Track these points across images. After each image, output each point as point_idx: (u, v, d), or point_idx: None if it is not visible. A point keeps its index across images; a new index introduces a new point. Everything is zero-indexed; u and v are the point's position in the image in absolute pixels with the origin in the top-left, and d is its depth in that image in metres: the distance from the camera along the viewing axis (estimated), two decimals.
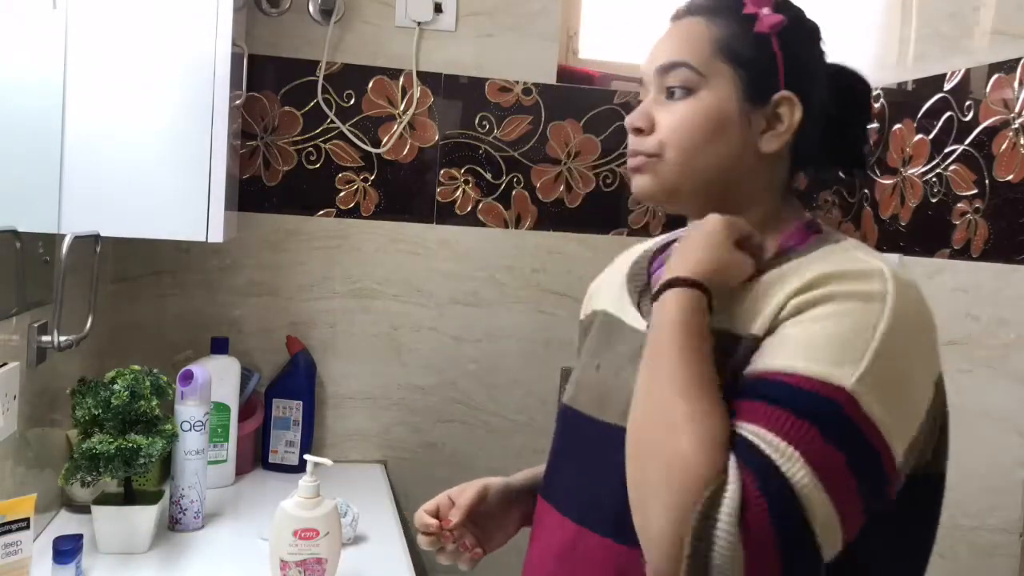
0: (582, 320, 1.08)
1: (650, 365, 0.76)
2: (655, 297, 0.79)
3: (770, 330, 0.77)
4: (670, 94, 0.86)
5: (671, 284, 0.78)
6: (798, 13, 0.89)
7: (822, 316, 0.74)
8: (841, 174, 0.97)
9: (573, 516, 0.89)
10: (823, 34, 0.91)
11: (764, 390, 0.72)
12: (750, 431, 0.70)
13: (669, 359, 0.75)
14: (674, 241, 0.99)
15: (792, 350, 0.74)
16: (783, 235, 0.87)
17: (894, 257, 1.53)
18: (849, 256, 0.81)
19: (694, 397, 0.72)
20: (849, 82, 0.93)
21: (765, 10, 0.86)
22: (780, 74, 0.85)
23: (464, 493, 1.03)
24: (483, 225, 1.92)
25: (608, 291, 1.02)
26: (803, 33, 0.89)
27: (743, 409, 0.72)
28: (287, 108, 1.82)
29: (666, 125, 0.85)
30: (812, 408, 0.70)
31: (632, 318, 0.93)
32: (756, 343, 0.77)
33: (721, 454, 0.69)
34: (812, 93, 0.86)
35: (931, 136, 1.47)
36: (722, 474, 0.68)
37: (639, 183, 0.88)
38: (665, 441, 0.71)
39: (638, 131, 0.87)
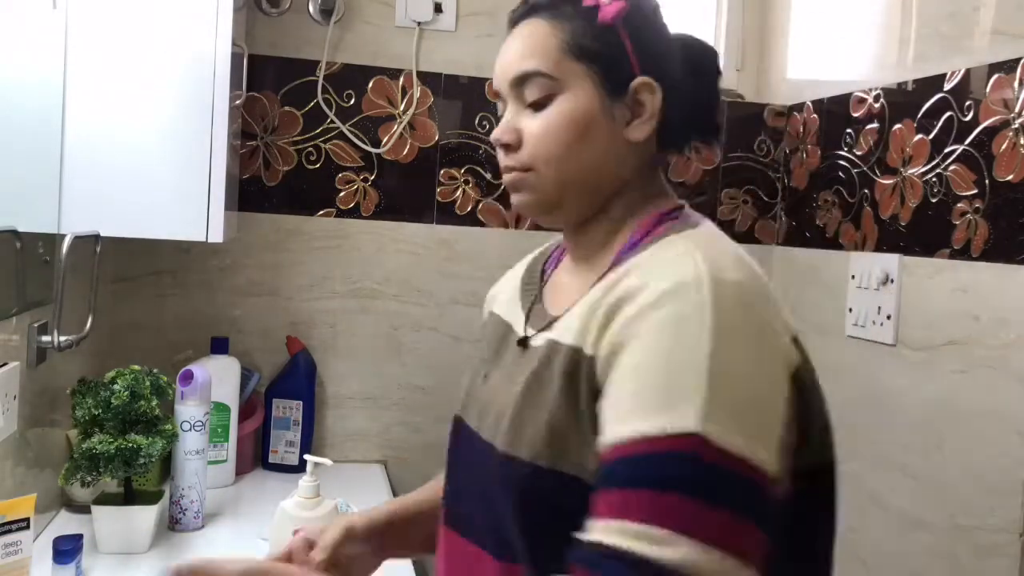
0: (483, 321, 1.03)
1: None
2: None
3: (598, 352, 0.73)
4: (530, 104, 0.83)
5: None
6: None
7: (641, 352, 0.70)
8: (699, 144, 0.90)
9: (463, 532, 0.85)
10: (661, 9, 0.87)
11: (613, 473, 0.67)
12: (613, 531, 0.64)
13: None
14: (560, 246, 0.97)
15: (625, 407, 0.68)
16: (639, 227, 0.84)
17: (894, 257, 1.53)
18: (665, 261, 0.76)
19: None
20: (696, 52, 0.88)
21: (604, 1, 0.83)
22: (632, 62, 0.82)
23: (326, 533, 0.94)
24: (483, 225, 1.92)
25: (503, 295, 0.99)
26: (645, 14, 0.85)
27: (603, 504, 0.66)
28: (287, 108, 1.82)
29: (532, 136, 0.82)
30: (665, 471, 0.65)
31: (518, 325, 0.90)
32: (591, 364, 0.73)
33: None
34: (666, 72, 0.83)
35: (931, 136, 1.47)
36: None
37: (518, 200, 0.85)
38: None
39: (506, 146, 0.84)
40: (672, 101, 0.83)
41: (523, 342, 0.85)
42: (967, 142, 1.39)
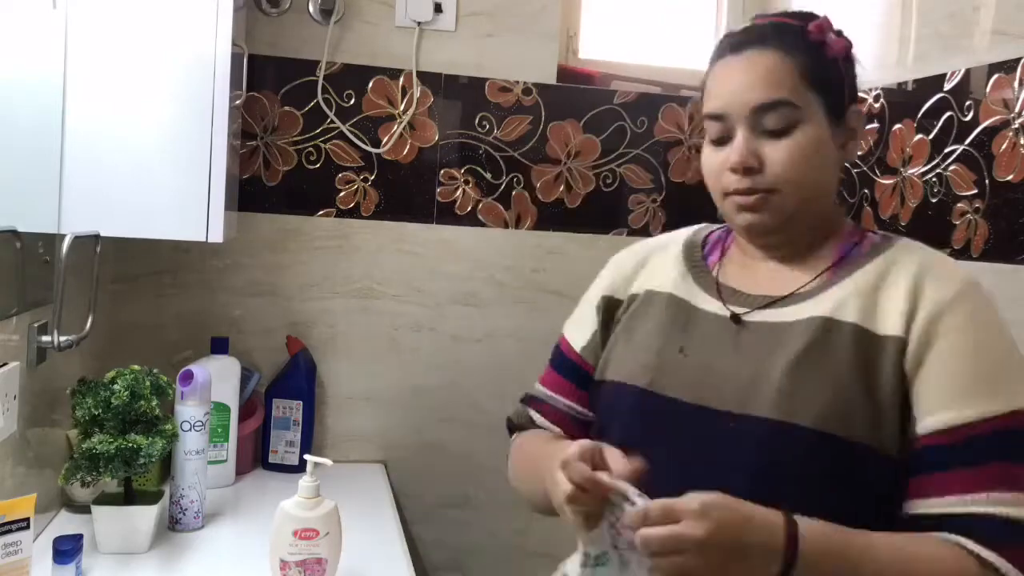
0: (611, 298, 1.08)
1: None
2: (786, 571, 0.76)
3: (908, 334, 0.83)
4: (772, 131, 0.90)
5: (790, 560, 0.75)
6: (842, 31, 0.97)
7: (962, 349, 0.81)
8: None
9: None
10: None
11: (959, 454, 0.78)
12: (982, 504, 0.76)
13: (866, 572, 0.77)
14: (712, 233, 1.06)
15: (955, 394, 0.80)
16: (845, 235, 0.96)
17: None
18: (932, 256, 0.90)
19: (913, 571, 0.76)
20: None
21: (831, 36, 0.93)
22: (848, 91, 0.93)
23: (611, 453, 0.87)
24: (483, 225, 1.92)
25: (660, 276, 1.04)
26: (850, 48, 0.96)
27: (955, 482, 0.77)
28: (287, 108, 1.82)
29: (779, 162, 0.89)
30: (1014, 445, 0.77)
31: (704, 303, 0.97)
32: (901, 344, 0.83)
33: (969, 567, 0.74)
34: (856, 97, 0.95)
35: (931, 136, 1.47)
36: (987, 570, 0.74)
37: (755, 219, 0.93)
38: None
39: (748, 169, 0.90)
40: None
41: (735, 319, 0.93)
42: (967, 142, 1.39)
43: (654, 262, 1.07)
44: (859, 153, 1.68)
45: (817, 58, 0.91)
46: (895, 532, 0.80)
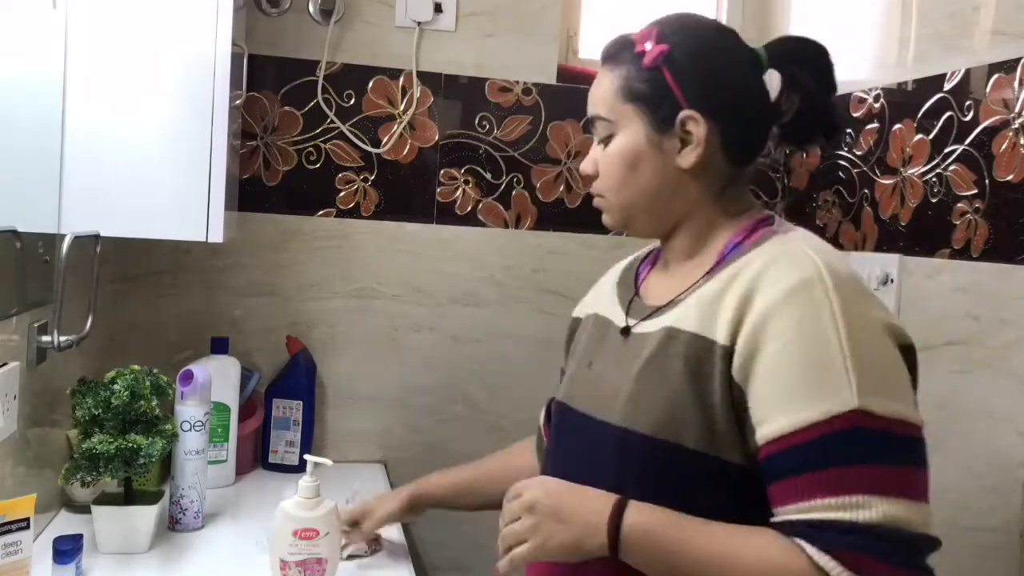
0: (575, 318, 1.18)
1: (682, 569, 0.81)
2: (613, 551, 0.83)
3: (735, 343, 0.83)
4: (601, 140, 0.99)
5: (614, 535, 0.82)
6: (685, 33, 0.94)
7: (785, 348, 0.80)
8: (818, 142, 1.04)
9: None
10: (722, 36, 0.96)
11: (791, 462, 0.78)
12: (816, 508, 0.76)
13: (691, 554, 0.80)
14: (653, 251, 1.11)
15: (784, 401, 0.79)
16: (739, 230, 0.95)
17: (894, 257, 1.53)
18: (782, 257, 0.86)
19: (738, 557, 0.78)
20: (809, 53, 0.97)
21: (648, 44, 0.94)
22: (679, 97, 0.92)
23: (381, 508, 1.29)
24: (483, 225, 1.92)
25: (600, 297, 1.11)
26: (693, 50, 0.93)
27: (791, 490, 0.78)
28: (287, 108, 1.82)
29: (600, 170, 0.99)
30: (845, 449, 0.76)
31: (617, 317, 1.02)
32: (728, 352, 0.83)
33: (800, 564, 0.75)
34: (719, 98, 0.93)
35: (931, 136, 1.47)
36: (819, 573, 0.74)
37: (604, 220, 1.02)
38: None
39: (586, 176, 1.01)
40: (732, 121, 0.93)
41: (625, 331, 0.97)
42: (967, 142, 1.39)
43: (604, 284, 1.15)
44: (859, 153, 1.68)
45: (636, 69, 0.94)
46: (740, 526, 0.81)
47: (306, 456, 1.19)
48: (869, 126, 1.65)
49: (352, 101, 1.85)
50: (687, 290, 0.93)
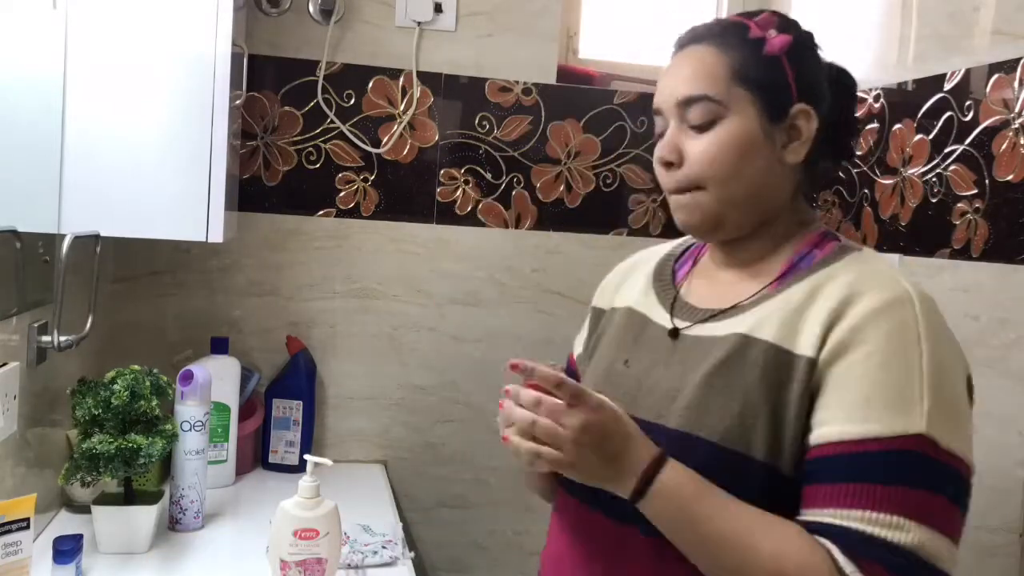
0: (597, 308, 1.11)
1: (699, 544, 0.80)
2: (636, 499, 0.81)
3: (820, 356, 0.81)
4: (695, 125, 0.89)
5: (641, 489, 0.80)
6: (798, 28, 0.94)
7: (868, 361, 0.78)
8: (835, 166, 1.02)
9: (614, 515, 0.89)
10: (817, 40, 0.96)
11: (843, 468, 0.77)
12: (854, 519, 0.75)
13: (712, 530, 0.78)
14: (691, 247, 1.05)
15: (854, 410, 0.78)
16: (805, 242, 0.92)
17: (894, 257, 1.53)
18: (871, 274, 0.85)
19: (764, 543, 0.76)
20: (839, 78, 0.97)
21: (771, 32, 0.91)
22: (792, 90, 0.90)
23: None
24: (483, 225, 1.92)
25: (632, 289, 1.05)
26: (806, 46, 0.93)
27: (833, 495, 0.76)
28: (287, 108, 1.82)
29: (696, 157, 0.89)
30: (900, 470, 0.75)
31: (658, 316, 0.97)
32: (811, 365, 0.81)
33: (821, 561, 0.74)
34: (820, 100, 0.92)
35: (931, 136, 1.47)
36: (836, 573, 0.73)
37: (684, 218, 0.92)
38: None
39: (668, 164, 0.91)
40: (823, 126, 0.91)
41: (674, 332, 0.93)
42: (967, 142, 1.39)
43: (633, 276, 1.08)
44: (859, 153, 1.68)
45: (753, 55, 0.90)
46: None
47: (306, 456, 1.19)
48: (869, 126, 1.65)
49: (352, 101, 1.85)
50: (752, 298, 0.90)
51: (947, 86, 1.45)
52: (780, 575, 0.75)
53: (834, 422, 0.79)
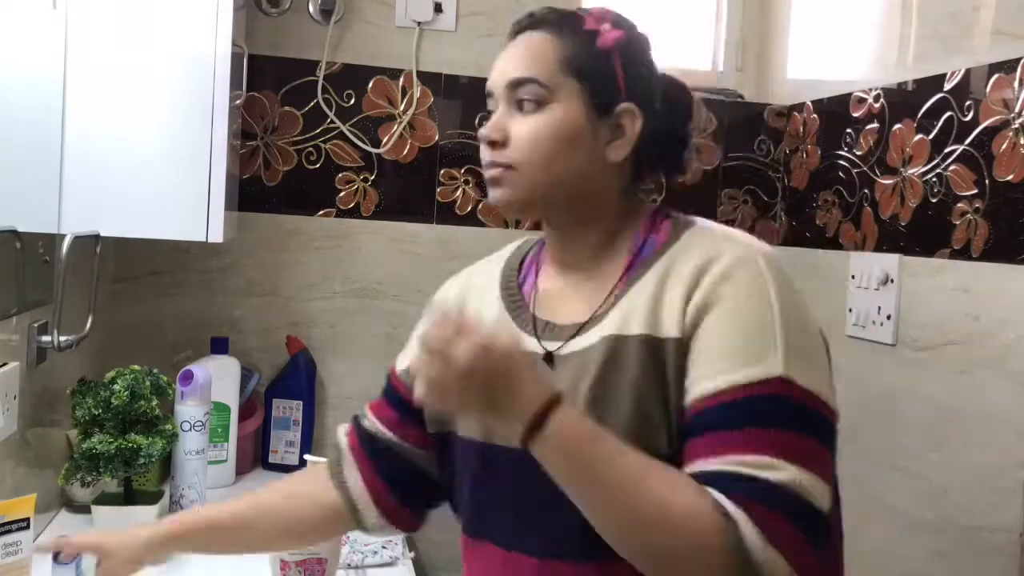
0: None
1: (586, 491, 0.78)
2: (525, 442, 0.77)
3: (684, 332, 0.82)
4: (520, 107, 0.90)
5: (533, 432, 0.76)
6: (632, 27, 0.93)
7: (723, 320, 0.81)
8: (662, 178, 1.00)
9: (532, 551, 0.87)
10: (651, 44, 0.95)
11: (716, 417, 0.78)
12: (728, 463, 0.76)
13: (599, 474, 0.77)
14: (528, 255, 1.02)
15: (715, 365, 0.79)
16: (640, 229, 0.92)
17: (894, 257, 1.53)
18: (714, 240, 0.87)
19: (650, 485, 0.77)
20: (675, 91, 0.96)
21: (606, 26, 0.90)
22: (621, 87, 0.89)
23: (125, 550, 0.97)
24: (483, 225, 1.92)
25: (488, 312, 0.99)
26: (638, 46, 0.93)
27: (709, 444, 0.78)
28: (287, 108, 1.82)
29: (519, 138, 0.89)
30: (762, 411, 0.77)
31: (525, 343, 0.91)
32: (680, 344, 0.82)
33: (710, 510, 0.74)
34: (649, 103, 0.91)
35: (931, 136, 1.47)
36: (724, 518, 0.73)
37: (496, 195, 0.91)
38: (659, 537, 0.76)
39: (492, 143, 0.90)
40: (650, 130, 0.90)
41: (549, 358, 0.90)
42: (967, 142, 1.39)
43: (474, 299, 1.03)
44: (859, 153, 1.68)
45: (585, 46, 0.89)
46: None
47: (306, 456, 1.20)
48: (869, 126, 1.65)
49: (352, 101, 1.85)
50: (609, 296, 0.89)
51: (947, 86, 1.45)
52: (667, 518, 0.75)
53: (700, 380, 0.80)
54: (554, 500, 0.82)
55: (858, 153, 1.69)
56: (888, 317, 1.54)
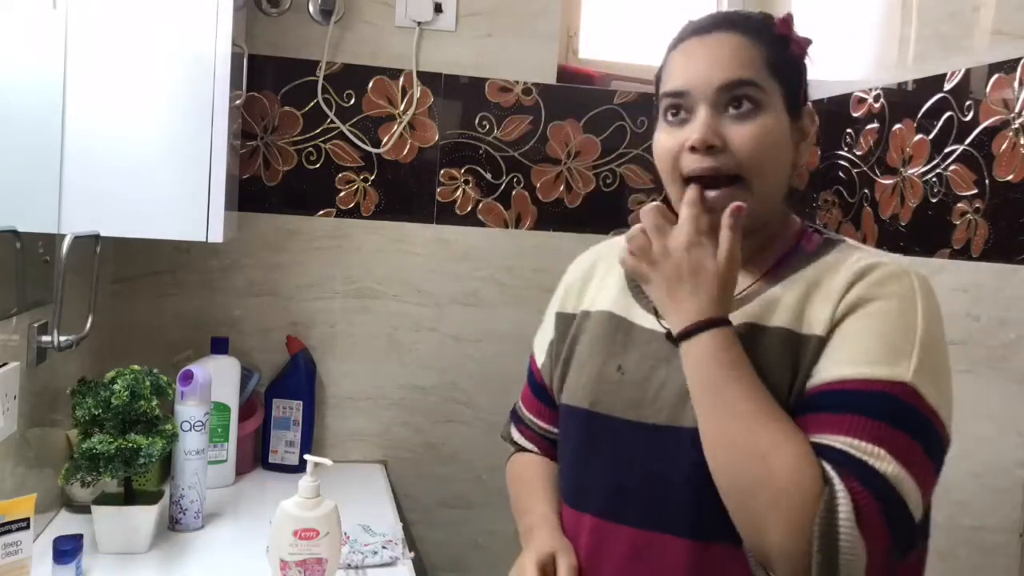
0: (564, 313, 1.08)
1: (714, 405, 0.82)
2: (676, 342, 0.84)
3: (828, 331, 0.83)
4: (726, 110, 0.87)
5: (696, 330, 0.83)
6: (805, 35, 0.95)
7: (869, 319, 0.82)
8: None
9: (639, 523, 0.89)
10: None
11: (839, 400, 0.80)
12: (840, 441, 0.77)
13: (733, 397, 0.80)
14: None
15: (852, 356, 0.81)
16: (790, 236, 0.94)
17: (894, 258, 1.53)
18: (871, 254, 0.89)
19: (771, 425, 0.79)
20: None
21: (795, 32, 0.92)
22: (805, 91, 0.92)
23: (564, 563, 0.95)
24: (483, 225, 1.92)
25: (604, 291, 1.03)
26: (810, 54, 0.95)
27: (826, 422, 0.79)
28: (287, 108, 1.82)
29: (744, 143, 0.86)
30: (884, 408, 0.78)
31: (641, 319, 0.96)
32: (821, 343, 0.83)
33: (815, 468, 0.76)
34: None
35: (931, 136, 1.47)
36: (826, 486, 0.75)
37: (726, 206, 0.87)
38: (761, 471, 0.77)
39: (711, 148, 0.87)
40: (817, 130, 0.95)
41: (670, 336, 0.89)
42: (967, 142, 1.39)
43: (599, 275, 1.06)
44: (859, 153, 1.68)
45: (781, 50, 0.90)
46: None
47: (306, 456, 1.19)
48: (869, 126, 1.65)
49: (352, 101, 1.85)
50: (746, 291, 0.90)
51: (947, 86, 1.45)
52: (775, 459, 0.77)
53: (829, 367, 0.82)
54: (657, 473, 0.87)
55: (858, 153, 1.69)
56: None
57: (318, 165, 1.84)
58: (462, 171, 1.90)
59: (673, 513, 0.87)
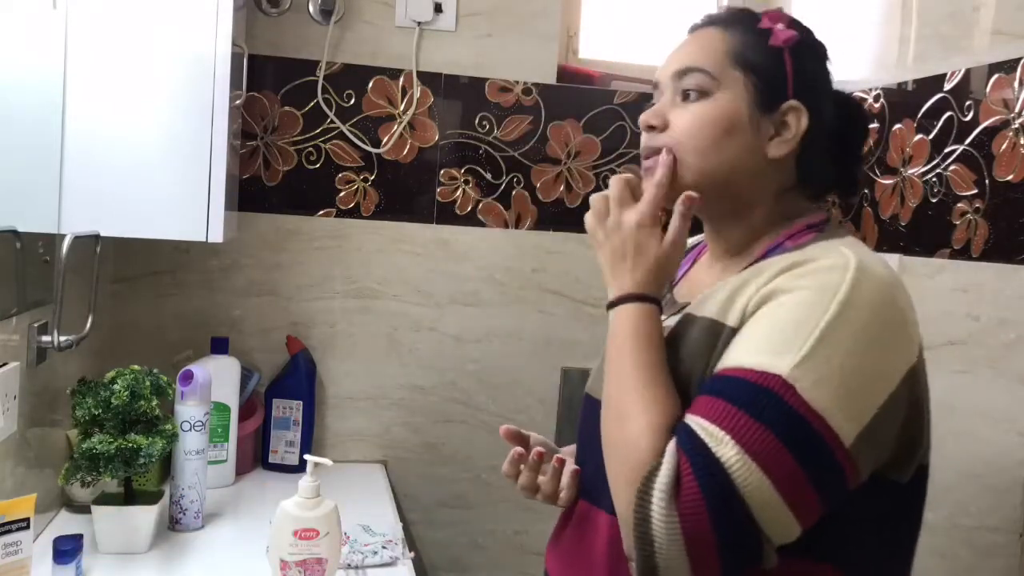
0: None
1: (610, 371, 0.85)
2: (609, 307, 0.89)
3: (742, 322, 0.83)
4: (685, 97, 0.91)
5: (623, 300, 0.87)
6: (808, 31, 0.95)
7: (776, 309, 0.80)
8: (834, 198, 1.02)
9: (584, 495, 0.96)
10: (829, 54, 0.96)
11: (712, 385, 0.80)
12: (691, 420, 0.77)
13: (624, 363, 0.84)
14: (700, 243, 1.05)
15: (745, 346, 0.80)
16: (783, 234, 0.92)
17: (894, 257, 1.53)
18: (823, 248, 0.85)
19: (645, 393, 0.81)
20: (853, 108, 0.97)
21: (779, 25, 0.92)
22: (789, 85, 0.90)
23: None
24: (483, 225, 1.92)
25: None
26: (812, 50, 0.94)
27: (695, 403, 0.79)
28: (287, 108, 1.82)
29: (679, 124, 0.90)
30: (747, 396, 0.76)
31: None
32: (734, 334, 0.83)
33: (659, 440, 0.77)
34: (818, 106, 0.91)
35: (931, 136, 1.47)
36: (660, 457, 0.75)
37: (650, 181, 0.92)
38: (619, 431, 0.81)
39: (651, 128, 0.92)
40: (817, 134, 0.91)
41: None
42: (967, 142, 1.39)
43: None
44: (863, 153, 1.68)
45: (756, 42, 0.91)
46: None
47: (306, 456, 1.19)
48: (869, 126, 1.65)
49: (352, 101, 1.85)
50: (715, 284, 0.90)
51: (947, 86, 1.45)
52: (626, 425, 0.80)
53: (726, 356, 0.81)
54: (596, 447, 0.87)
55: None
56: None
57: (318, 165, 1.84)
58: (462, 171, 1.90)
59: (601, 487, 0.87)
